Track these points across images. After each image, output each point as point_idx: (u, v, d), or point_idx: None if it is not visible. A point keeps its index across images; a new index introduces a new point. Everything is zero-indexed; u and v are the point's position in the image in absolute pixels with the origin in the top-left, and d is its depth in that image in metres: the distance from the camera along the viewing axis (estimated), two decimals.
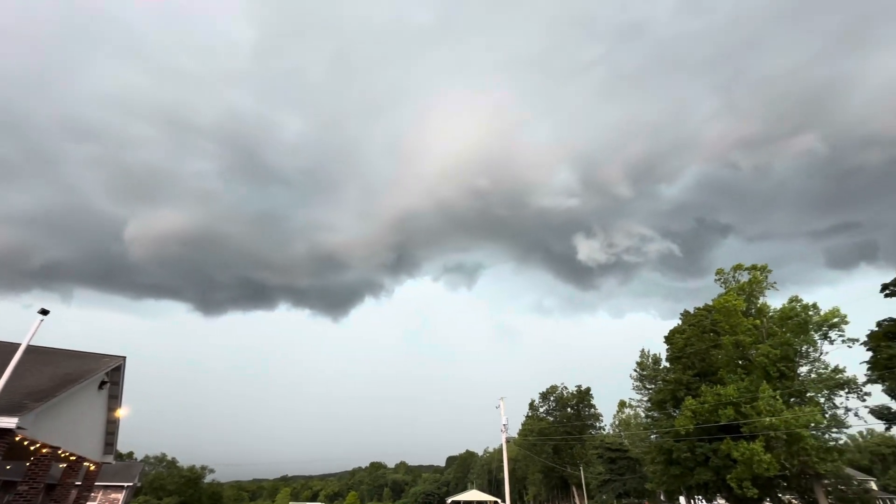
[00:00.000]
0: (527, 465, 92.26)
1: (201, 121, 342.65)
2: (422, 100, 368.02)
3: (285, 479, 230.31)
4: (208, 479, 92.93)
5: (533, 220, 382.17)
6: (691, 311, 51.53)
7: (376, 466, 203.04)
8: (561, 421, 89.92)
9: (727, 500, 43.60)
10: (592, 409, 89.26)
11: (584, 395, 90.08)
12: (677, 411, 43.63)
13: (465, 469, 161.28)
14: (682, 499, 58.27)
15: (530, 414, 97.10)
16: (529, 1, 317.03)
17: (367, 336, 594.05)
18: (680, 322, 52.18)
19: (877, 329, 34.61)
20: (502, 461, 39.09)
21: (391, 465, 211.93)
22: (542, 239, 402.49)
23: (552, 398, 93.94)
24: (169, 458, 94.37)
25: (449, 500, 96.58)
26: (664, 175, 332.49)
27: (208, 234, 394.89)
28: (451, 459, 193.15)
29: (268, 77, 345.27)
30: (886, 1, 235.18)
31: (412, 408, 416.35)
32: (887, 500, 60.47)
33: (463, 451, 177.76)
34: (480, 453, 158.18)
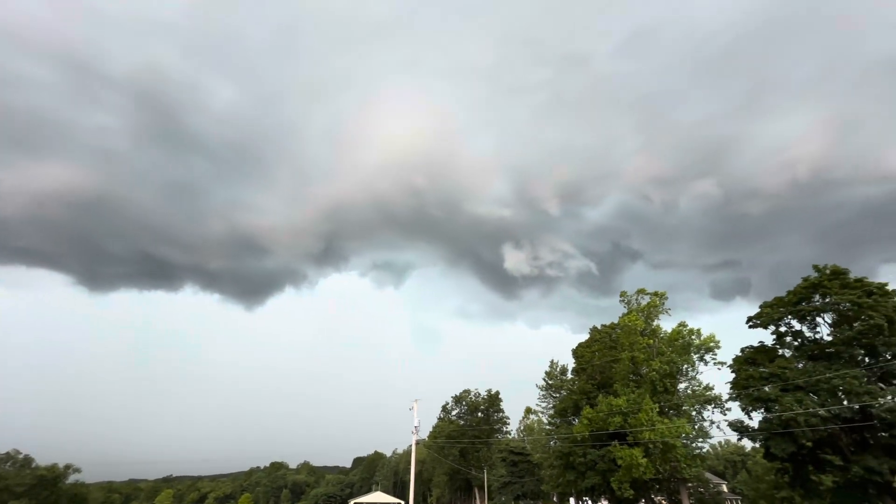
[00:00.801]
0: (433, 468, 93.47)
1: (113, 70, 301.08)
2: (368, 92, 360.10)
3: (168, 480, 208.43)
4: (72, 479, 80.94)
5: (466, 226, 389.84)
6: (599, 327, 56.14)
7: (277, 467, 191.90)
8: (471, 424, 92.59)
9: (609, 502, 48.08)
10: (501, 414, 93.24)
11: (493, 400, 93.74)
12: (576, 419, 47.20)
13: (372, 470, 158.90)
14: (571, 500, 62.94)
15: (442, 417, 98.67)
16: (485, 15, 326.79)
17: (283, 328, 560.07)
18: (588, 337, 56.60)
19: (740, 354, 40.65)
20: (410, 463, 39.13)
21: (294, 465, 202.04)
22: (473, 245, 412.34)
23: (464, 402, 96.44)
24: (22, 455, 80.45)
25: (351, 503, 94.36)
26: (589, 199, 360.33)
27: (105, 199, 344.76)
28: (357, 461, 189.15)
29: (201, 35, 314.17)
30: (777, 76, 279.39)
31: (323, 406, 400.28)
32: (735, 500, 71.02)
33: (372, 452, 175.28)
34: (389, 455, 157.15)
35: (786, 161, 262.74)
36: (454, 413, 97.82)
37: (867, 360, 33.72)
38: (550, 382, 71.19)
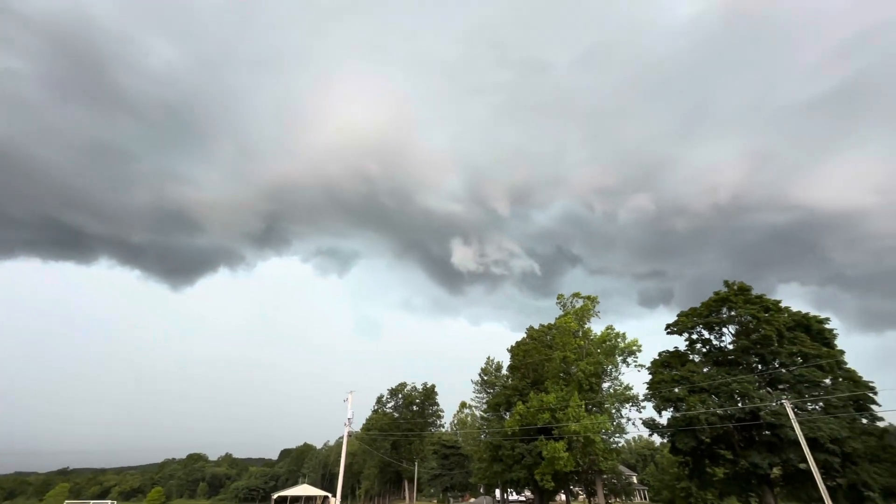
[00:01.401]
0: (364, 460, 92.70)
1: (26, 6, 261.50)
2: (325, 71, 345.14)
3: (64, 473, 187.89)
4: None
5: (416, 218, 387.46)
6: (536, 326, 58.55)
7: (195, 458, 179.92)
8: (405, 417, 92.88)
9: (532, 493, 50.57)
10: (436, 408, 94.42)
11: (429, 394, 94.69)
12: (508, 414, 49.05)
13: (300, 463, 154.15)
14: (497, 492, 65.39)
15: (377, 409, 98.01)
16: (451, 11, 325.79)
17: (213, 311, 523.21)
18: (525, 336, 58.85)
19: (657, 358, 44.45)
20: (340, 455, 38.47)
21: (214, 457, 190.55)
22: (422, 238, 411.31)
23: (400, 395, 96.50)
24: None
25: (275, 496, 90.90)
26: (538, 202, 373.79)
27: (4, 152, 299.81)
28: (285, 452, 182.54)
29: None
30: (709, 108, 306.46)
31: (252, 396, 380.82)
32: (643, 491, 77.79)
33: (301, 444, 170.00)
34: (320, 447, 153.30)
35: (710, 185, 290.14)
36: (389, 406, 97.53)
37: (760, 367, 38.29)
38: (486, 378, 73.22)
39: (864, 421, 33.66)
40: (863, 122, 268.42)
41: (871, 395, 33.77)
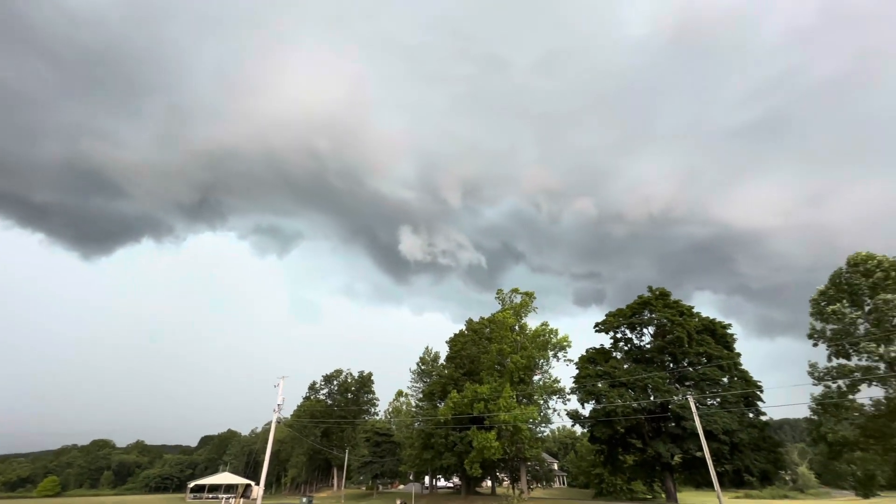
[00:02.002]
0: (293, 448, 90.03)
1: None
2: (277, 37, 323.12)
3: None
4: None
5: (366, 202, 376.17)
6: (476, 319, 59.81)
7: (99, 445, 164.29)
8: (339, 405, 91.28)
9: (460, 479, 52.09)
10: (371, 396, 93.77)
11: (365, 382, 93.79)
12: (442, 403, 49.88)
13: (222, 450, 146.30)
14: (426, 479, 66.57)
15: (309, 396, 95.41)
16: None
17: (133, 285, 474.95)
18: (465, 327, 59.95)
19: (584, 354, 47.42)
20: (267, 442, 36.95)
21: (123, 443, 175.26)
22: (371, 223, 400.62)
23: (335, 382, 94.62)
24: None
25: (191, 485, 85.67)
26: (488, 197, 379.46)
27: None
28: (206, 439, 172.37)
29: None
30: (650, 124, 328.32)
31: (171, 379, 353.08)
32: (562, 476, 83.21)
33: (225, 430, 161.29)
34: (246, 433, 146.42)
35: (645, 196, 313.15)
36: (323, 392, 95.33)
37: (672, 365, 42.18)
38: (423, 368, 73.84)
39: (751, 415, 38.39)
40: (773, 153, 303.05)
41: (758, 392, 38.55)
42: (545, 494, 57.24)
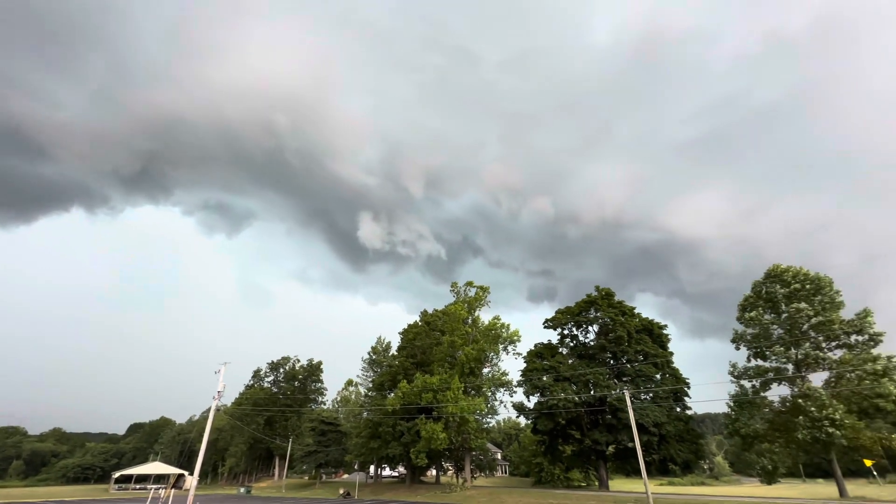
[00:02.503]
0: (232, 436, 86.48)
1: None
2: (238, 1, 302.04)
3: None
4: None
5: (325, 185, 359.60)
6: (431, 311, 60.11)
7: (8, 433, 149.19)
8: (285, 393, 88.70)
9: (405, 468, 52.45)
10: (320, 385, 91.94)
11: (314, 370, 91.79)
12: (392, 393, 49.86)
13: (153, 438, 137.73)
14: (371, 468, 66.48)
15: (253, 383, 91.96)
16: None
17: (59, 258, 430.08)
18: (419, 319, 60.09)
19: (532, 349, 49.13)
20: (204, 431, 35.23)
21: (37, 431, 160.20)
22: (329, 208, 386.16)
23: (282, 369, 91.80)
24: None
25: (116, 475, 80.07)
26: (451, 190, 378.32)
27: None
28: (135, 427, 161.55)
29: None
30: (609, 131, 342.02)
31: (100, 363, 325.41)
32: (505, 465, 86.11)
33: (158, 418, 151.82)
34: (182, 421, 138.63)
35: (600, 200, 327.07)
36: (268, 380, 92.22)
37: (612, 361, 44.69)
38: (375, 357, 73.40)
39: (678, 409, 41.58)
40: (715, 169, 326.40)
41: (686, 389, 41.79)
42: (487, 483, 59.05)
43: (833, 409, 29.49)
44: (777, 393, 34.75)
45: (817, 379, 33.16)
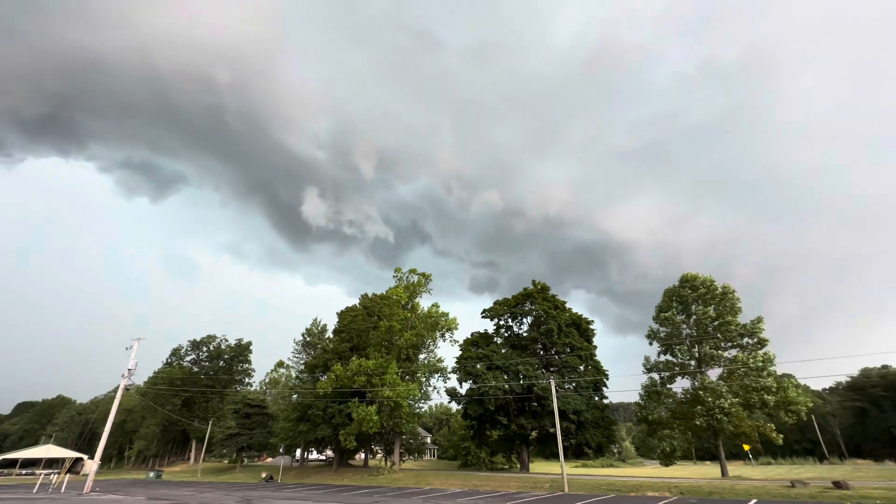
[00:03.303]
0: (143, 417, 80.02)
1: None
2: None
3: None
4: None
5: (269, 154, 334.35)
6: (370, 295, 59.28)
7: None
8: (208, 373, 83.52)
9: (333, 451, 51.87)
10: (247, 366, 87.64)
11: (242, 350, 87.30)
12: (325, 376, 48.80)
13: (46, 420, 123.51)
14: (297, 451, 64.93)
15: (171, 362, 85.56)
16: None
17: None
18: (358, 302, 59.05)
19: (469, 337, 50.42)
20: (110, 411, 32.24)
21: None
22: (272, 179, 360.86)
23: (205, 348, 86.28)
24: None
25: None
26: (403, 174, 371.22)
27: None
28: (24, 406, 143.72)
29: None
30: (560, 132, 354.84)
31: None
32: (434, 449, 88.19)
33: (54, 396, 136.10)
34: (85, 401, 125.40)
35: (545, 197, 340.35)
36: (188, 359, 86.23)
37: (542, 352, 47.14)
38: (309, 339, 71.26)
39: (597, 398, 45.00)
40: (649, 179, 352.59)
41: (605, 380, 45.30)
42: (415, 466, 60.18)
43: (724, 399, 33.63)
44: (681, 385, 38.86)
45: (714, 374, 37.52)
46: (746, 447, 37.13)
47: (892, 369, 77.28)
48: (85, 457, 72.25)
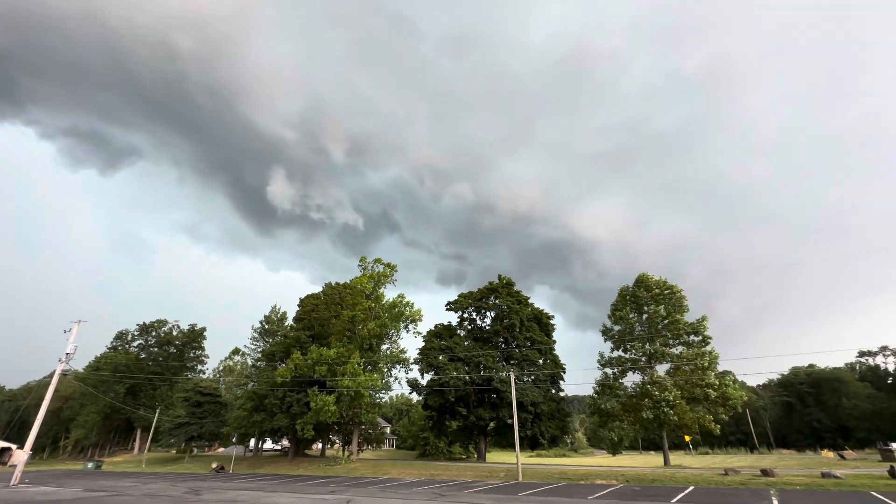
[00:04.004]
0: (82, 405, 75.10)
1: None
2: None
3: None
4: None
5: (234, 130, 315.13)
6: (333, 284, 58.22)
7: None
8: (156, 359, 79.38)
9: (290, 441, 50.85)
10: (200, 352, 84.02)
11: (195, 336, 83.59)
12: (283, 364, 47.60)
13: None
14: (252, 441, 63.21)
15: (116, 346, 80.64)
16: None
17: None
18: (321, 290, 57.84)
19: (432, 329, 50.64)
20: (44, 397, 30.01)
21: None
22: (236, 157, 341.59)
23: (154, 333, 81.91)
24: None
25: None
26: (375, 161, 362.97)
27: None
28: None
29: None
30: (534, 131, 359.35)
31: None
32: (393, 439, 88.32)
33: None
34: (15, 387, 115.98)
35: (516, 194, 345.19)
36: (136, 344, 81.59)
37: (504, 346, 48.11)
38: (268, 327, 69.23)
39: (554, 391, 46.56)
40: (615, 181, 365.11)
41: (562, 373, 46.91)
42: (373, 455, 60.13)
43: (669, 392, 35.71)
44: (632, 380, 40.88)
45: (661, 370, 39.73)
46: (688, 438, 39.75)
47: (818, 369, 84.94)
48: (14, 446, 67.04)
